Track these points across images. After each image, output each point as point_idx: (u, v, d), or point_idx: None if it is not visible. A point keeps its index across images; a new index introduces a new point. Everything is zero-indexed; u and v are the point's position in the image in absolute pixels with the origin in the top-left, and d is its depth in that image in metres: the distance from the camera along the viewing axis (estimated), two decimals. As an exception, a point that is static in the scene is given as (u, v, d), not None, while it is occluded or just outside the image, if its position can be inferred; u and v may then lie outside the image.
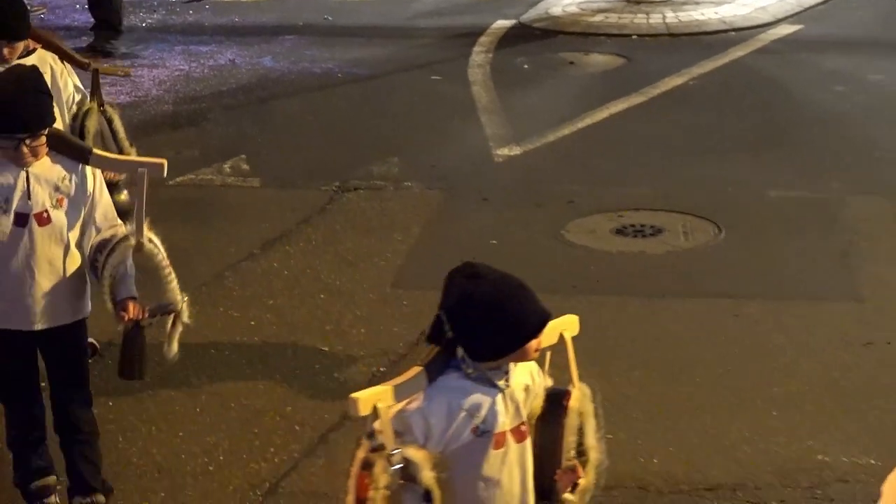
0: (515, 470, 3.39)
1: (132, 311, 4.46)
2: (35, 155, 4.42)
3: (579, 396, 3.57)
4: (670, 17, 12.44)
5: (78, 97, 5.88)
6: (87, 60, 6.09)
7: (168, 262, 4.53)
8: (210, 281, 6.95)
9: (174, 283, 4.58)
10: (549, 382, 3.55)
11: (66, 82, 5.84)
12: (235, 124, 9.93)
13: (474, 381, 3.30)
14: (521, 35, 12.31)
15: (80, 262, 4.57)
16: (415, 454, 3.15)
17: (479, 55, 11.64)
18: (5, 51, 5.46)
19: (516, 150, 9.05)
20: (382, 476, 3.08)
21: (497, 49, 11.86)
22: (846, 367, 5.86)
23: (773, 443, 5.27)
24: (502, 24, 12.69)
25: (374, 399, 3.13)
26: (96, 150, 4.77)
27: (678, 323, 6.43)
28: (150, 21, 13.70)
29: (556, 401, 3.53)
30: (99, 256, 4.49)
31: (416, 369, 3.28)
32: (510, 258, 7.23)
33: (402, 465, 3.11)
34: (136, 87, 10.75)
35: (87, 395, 4.77)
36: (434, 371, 3.29)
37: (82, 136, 5.59)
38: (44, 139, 4.43)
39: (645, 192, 8.20)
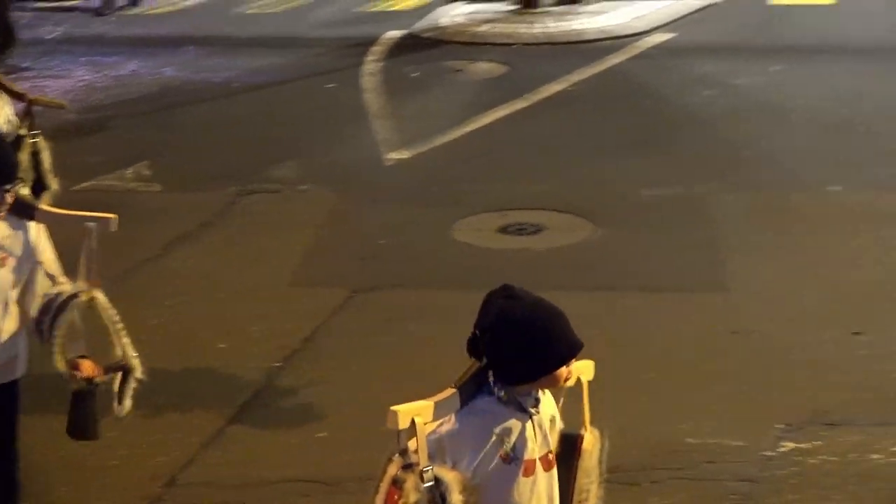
0: (544, 500, 3.28)
1: (86, 369, 4.17)
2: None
3: (592, 440, 3.44)
4: (552, 26, 12.52)
5: (9, 128, 5.66)
6: (23, 91, 5.87)
7: (119, 318, 4.30)
8: (113, 282, 6.85)
9: (126, 339, 4.27)
10: (562, 425, 3.40)
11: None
12: (138, 132, 9.85)
13: (505, 405, 3.19)
14: (411, 45, 12.35)
15: (20, 321, 4.23)
16: (447, 474, 3.04)
17: (372, 64, 11.65)
18: None
19: (406, 154, 9.06)
20: (413, 493, 2.98)
21: (388, 58, 11.89)
22: (714, 353, 5.91)
23: (646, 426, 5.29)
24: (393, 34, 12.73)
25: (414, 413, 3.02)
26: (42, 206, 4.45)
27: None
28: (56, 33, 13.56)
29: (570, 443, 3.39)
30: (45, 318, 4.13)
31: (449, 391, 3.15)
32: (400, 256, 7.28)
33: (432, 483, 2.99)
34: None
35: (15, 453, 4.54)
36: (466, 393, 3.18)
37: None
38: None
39: (528, 191, 8.23)
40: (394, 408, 3.01)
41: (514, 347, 3.16)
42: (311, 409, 5.53)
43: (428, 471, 3.00)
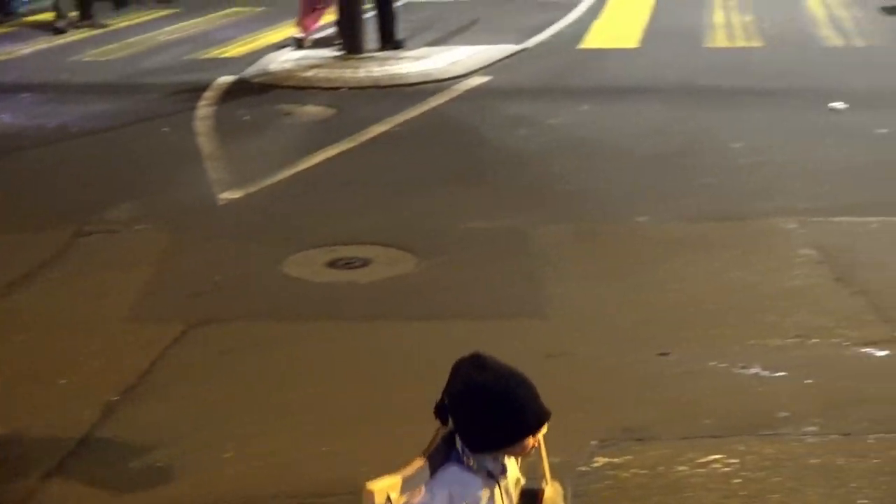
0: None
1: None
2: None
3: (553, 493, 3.41)
4: (376, 70, 12.57)
5: None
6: None
7: None
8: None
9: None
10: (523, 480, 3.37)
11: None
12: (-26, 176, 9.60)
13: (474, 474, 3.13)
14: (243, 89, 12.29)
15: None
16: None
17: (204, 108, 11.55)
18: None
19: (238, 194, 8.97)
20: None
21: (220, 102, 11.81)
22: (532, 376, 5.90)
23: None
24: (225, 79, 12.66)
25: (388, 490, 2.97)
26: None
27: (384, 342, 6.43)
28: None
29: (531, 498, 3.36)
30: None
31: (419, 461, 3.11)
32: (234, 292, 7.20)
33: None
34: None
35: None
36: (435, 462, 3.13)
37: None
38: None
39: (355, 227, 8.20)
40: (368, 485, 2.97)
41: (483, 417, 3.13)
42: (150, 440, 5.40)
43: None
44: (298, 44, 14.07)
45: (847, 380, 5.84)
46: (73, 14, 16.12)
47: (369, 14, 13.68)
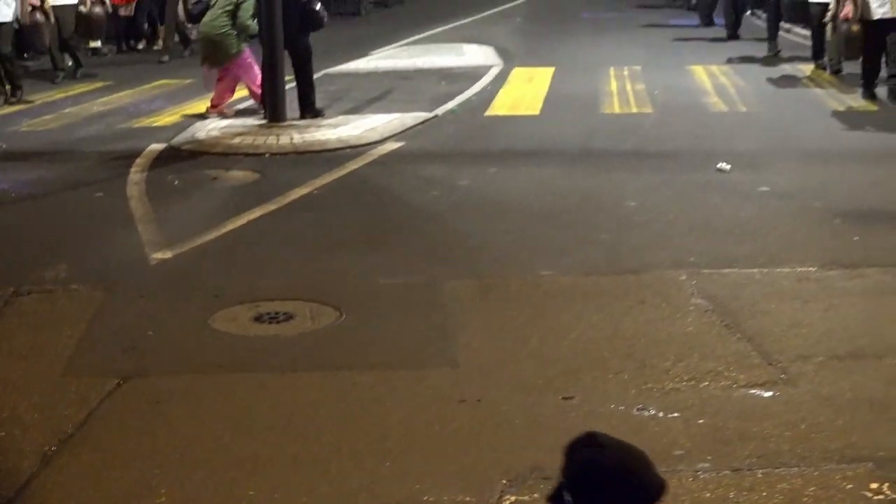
0: None
1: None
2: None
3: None
4: (297, 137, 12.58)
5: None
6: None
7: None
8: None
9: None
10: None
11: None
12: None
13: None
14: (172, 156, 12.23)
15: None
16: None
17: (136, 174, 11.48)
18: None
19: (169, 254, 8.91)
20: None
21: (151, 168, 11.74)
22: (445, 420, 5.97)
23: (388, 487, 5.31)
24: (155, 147, 12.60)
25: None
26: None
27: (309, 392, 6.45)
28: None
29: None
30: None
31: None
32: (165, 346, 7.17)
33: None
34: None
35: None
36: None
37: None
38: None
39: (278, 283, 8.20)
40: None
41: (607, 495, 2.98)
42: (87, 489, 5.38)
43: None
44: (202, 117, 14.06)
45: (736, 419, 5.94)
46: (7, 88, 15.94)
47: (290, 85, 13.69)
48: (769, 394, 6.24)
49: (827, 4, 15.53)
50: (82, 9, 18.05)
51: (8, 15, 15.82)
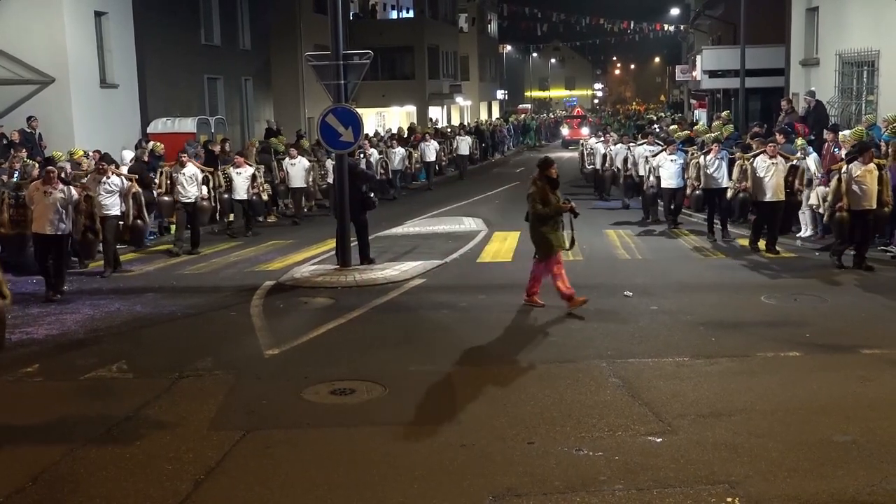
0: None
1: None
2: None
3: None
4: (358, 277, 12.62)
5: None
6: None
7: None
8: None
9: None
10: None
11: None
12: (117, 343, 9.41)
13: None
14: (279, 289, 12.27)
15: None
16: None
17: (256, 300, 11.52)
18: None
19: (276, 351, 8.89)
20: None
21: (266, 296, 11.77)
22: (450, 457, 5.85)
23: (416, 500, 5.22)
24: (268, 283, 12.65)
25: None
26: None
27: (363, 439, 6.35)
28: (100, 282, 13.09)
29: None
30: None
31: None
32: (272, 410, 7.10)
33: None
34: None
35: None
36: None
37: None
38: None
39: (346, 370, 8.15)
40: None
41: None
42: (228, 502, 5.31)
43: None
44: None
45: (639, 456, 5.89)
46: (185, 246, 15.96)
47: (353, 243, 13.81)
48: (660, 440, 6.19)
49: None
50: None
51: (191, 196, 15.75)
